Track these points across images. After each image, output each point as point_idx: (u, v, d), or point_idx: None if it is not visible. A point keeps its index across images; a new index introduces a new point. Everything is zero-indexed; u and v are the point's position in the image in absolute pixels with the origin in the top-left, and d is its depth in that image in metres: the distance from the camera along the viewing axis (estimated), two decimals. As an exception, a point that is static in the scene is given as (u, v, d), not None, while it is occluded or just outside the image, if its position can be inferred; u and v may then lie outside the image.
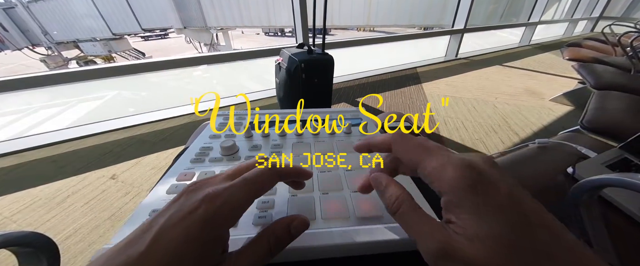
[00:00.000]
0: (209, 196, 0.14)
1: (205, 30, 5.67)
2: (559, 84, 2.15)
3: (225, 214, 0.14)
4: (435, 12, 3.12)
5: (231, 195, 0.15)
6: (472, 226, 0.13)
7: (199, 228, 0.13)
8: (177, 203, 0.15)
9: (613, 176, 0.29)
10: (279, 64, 1.24)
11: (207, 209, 0.14)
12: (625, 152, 0.47)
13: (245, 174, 0.16)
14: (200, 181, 0.16)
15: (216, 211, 0.14)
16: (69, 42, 6.83)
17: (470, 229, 0.13)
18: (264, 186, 0.16)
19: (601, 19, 5.49)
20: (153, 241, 0.12)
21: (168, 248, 0.12)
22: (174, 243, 0.12)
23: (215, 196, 0.14)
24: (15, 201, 0.90)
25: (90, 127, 1.37)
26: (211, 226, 0.13)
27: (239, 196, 0.15)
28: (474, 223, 0.13)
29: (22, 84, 1.18)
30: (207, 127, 0.39)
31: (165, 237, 0.13)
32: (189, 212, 0.13)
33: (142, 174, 1.04)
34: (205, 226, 0.13)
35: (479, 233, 0.12)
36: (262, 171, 0.17)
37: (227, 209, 0.14)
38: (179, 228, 0.13)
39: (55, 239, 0.75)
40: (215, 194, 0.14)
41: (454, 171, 0.14)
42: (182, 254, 0.12)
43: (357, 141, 0.20)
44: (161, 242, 0.12)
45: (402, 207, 0.16)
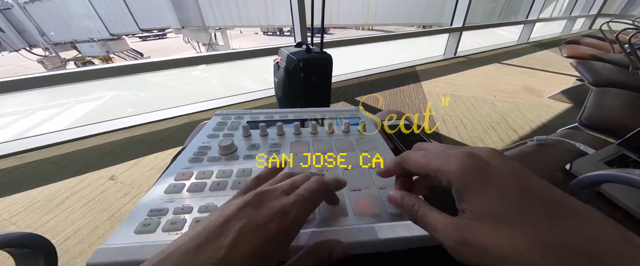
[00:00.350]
0: (282, 211, 0.15)
1: (203, 30, 5.65)
2: (557, 82, 2.16)
3: (293, 229, 0.16)
4: (433, 10, 3.11)
5: (297, 212, 0.16)
6: (480, 207, 0.14)
7: (275, 240, 0.14)
8: (247, 212, 0.15)
9: (611, 172, 0.29)
10: (278, 63, 1.24)
11: (281, 224, 0.15)
12: (623, 148, 0.47)
13: (303, 191, 0.18)
14: (263, 191, 0.17)
15: (287, 225, 0.15)
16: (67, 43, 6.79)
17: (478, 211, 0.14)
18: (318, 200, 0.19)
19: (599, 16, 5.49)
20: (232, 247, 0.13)
21: (247, 256, 0.13)
22: (252, 252, 0.13)
23: (286, 212, 0.15)
24: (14, 203, 0.90)
25: (89, 128, 1.37)
26: (284, 238, 0.15)
27: (302, 213, 0.16)
28: (481, 204, 0.14)
29: (20, 85, 1.17)
30: (205, 127, 0.39)
31: (243, 245, 0.13)
32: (265, 223, 0.14)
33: (142, 175, 1.03)
34: (279, 239, 0.14)
35: (486, 212, 0.14)
36: (316, 188, 0.18)
37: (295, 224, 0.16)
38: (256, 239, 0.14)
39: (55, 240, 0.75)
40: (286, 211, 0.16)
41: (457, 160, 0.16)
42: (258, 262, 0.13)
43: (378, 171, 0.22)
44: (240, 250, 0.13)
45: (420, 211, 0.17)
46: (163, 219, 0.22)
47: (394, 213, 0.23)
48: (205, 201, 0.24)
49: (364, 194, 0.25)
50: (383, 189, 0.26)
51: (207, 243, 0.13)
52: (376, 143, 0.35)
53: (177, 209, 0.23)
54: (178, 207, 0.23)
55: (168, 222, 0.21)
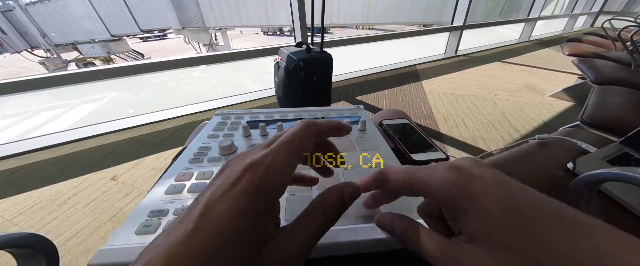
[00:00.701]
0: (252, 163, 0.13)
1: (203, 30, 5.66)
2: (559, 80, 2.15)
3: (271, 180, 0.13)
4: (434, 9, 3.10)
5: (273, 160, 0.14)
6: (473, 228, 0.13)
7: (246, 198, 0.12)
8: (220, 177, 0.14)
9: (613, 170, 0.29)
10: (278, 63, 1.24)
11: (251, 178, 0.13)
12: (626, 146, 0.47)
13: (283, 137, 0.15)
14: (241, 153, 0.15)
15: (261, 178, 0.13)
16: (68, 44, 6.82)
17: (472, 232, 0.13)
18: (304, 145, 0.15)
19: (601, 13, 5.46)
20: (200, 218, 0.11)
21: (216, 224, 0.11)
22: (222, 219, 0.11)
23: (256, 164, 0.13)
24: (16, 204, 0.91)
25: (90, 128, 1.37)
26: (259, 194, 0.13)
27: (281, 160, 0.14)
28: (474, 224, 0.13)
29: (22, 86, 1.18)
30: (205, 127, 0.39)
31: (212, 213, 0.12)
32: (232, 183, 0.12)
33: (143, 175, 1.04)
34: (253, 196, 0.12)
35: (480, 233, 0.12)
36: (297, 129, 0.16)
37: (271, 175, 0.13)
38: (225, 201, 0.12)
39: (57, 241, 0.76)
40: (257, 161, 0.13)
41: (440, 175, 0.14)
42: (231, 229, 0.11)
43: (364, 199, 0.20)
44: (208, 219, 0.11)
45: (410, 236, 0.16)
46: (163, 220, 0.22)
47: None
48: None
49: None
50: None
51: (180, 222, 0.12)
52: (376, 143, 0.35)
53: (178, 210, 0.23)
54: (178, 208, 0.23)
55: (168, 223, 0.22)
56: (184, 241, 0.11)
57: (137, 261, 0.11)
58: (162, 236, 0.12)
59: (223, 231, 0.11)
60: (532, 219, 0.11)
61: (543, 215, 0.11)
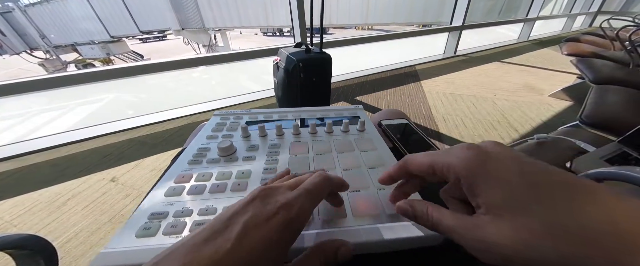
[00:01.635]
0: (286, 204, 0.16)
1: (203, 31, 5.66)
2: (558, 80, 2.15)
3: (298, 220, 0.16)
4: (433, 9, 3.11)
5: (302, 204, 0.16)
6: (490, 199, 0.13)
7: (280, 232, 0.14)
8: (254, 206, 0.16)
9: (611, 169, 0.29)
10: (277, 63, 1.24)
11: (286, 216, 0.15)
12: (624, 146, 0.47)
13: (307, 184, 0.18)
14: (269, 187, 0.18)
15: (293, 217, 0.15)
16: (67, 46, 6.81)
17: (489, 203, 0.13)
18: (322, 194, 0.19)
19: (599, 13, 5.47)
20: (238, 239, 0.13)
21: (253, 247, 0.13)
22: (259, 243, 0.13)
23: (290, 204, 0.16)
24: (15, 205, 0.90)
25: (89, 130, 1.37)
26: (289, 230, 0.15)
27: (307, 206, 0.16)
28: (490, 196, 0.13)
29: (22, 88, 1.18)
30: (204, 128, 0.39)
31: (250, 237, 0.13)
32: (270, 216, 0.15)
33: (142, 176, 1.04)
34: (284, 230, 0.14)
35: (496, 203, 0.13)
36: (319, 181, 0.19)
37: (300, 217, 0.16)
38: (263, 230, 0.14)
39: (56, 242, 0.76)
40: (290, 203, 0.16)
41: (458, 154, 0.16)
42: (265, 254, 0.13)
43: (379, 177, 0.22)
44: (247, 241, 0.13)
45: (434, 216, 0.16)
46: (163, 223, 0.22)
47: (393, 214, 0.23)
48: (206, 204, 0.24)
49: (363, 195, 0.25)
50: (382, 189, 0.26)
51: (214, 236, 0.13)
52: (375, 143, 0.35)
53: (177, 212, 0.23)
54: (178, 210, 0.23)
55: (168, 225, 0.21)
56: (223, 256, 0.12)
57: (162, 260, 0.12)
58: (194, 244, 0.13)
59: (257, 256, 0.13)
60: (545, 185, 0.12)
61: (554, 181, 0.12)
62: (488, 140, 0.17)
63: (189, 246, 0.13)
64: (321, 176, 0.19)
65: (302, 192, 0.17)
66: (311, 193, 0.17)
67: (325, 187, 0.19)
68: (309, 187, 0.18)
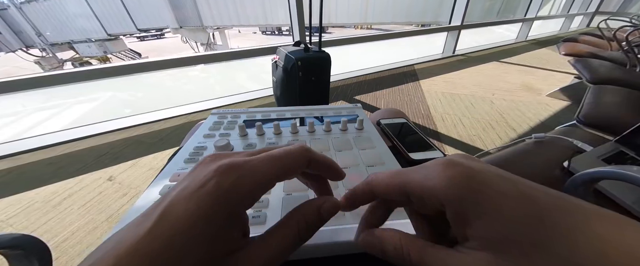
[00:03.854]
0: (223, 166, 0.12)
1: (201, 29, 5.63)
2: (555, 80, 2.16)
3: (241, 189, 0.12)
4: (432, 9, 3.11)
5: (252, 168, 0.13)
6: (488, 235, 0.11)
7: (209, 203, 0.11)
8: (190, 175, 0.13)
9: (608, 168, 0.29)
10: (276, 62, 1.23)
11: (219, 182, 0.12)
12: (621, 145, 0.47)
13: (273, 150, 0.14)
14: (219, 153, 0.14)
15: (231, 184, 0.12)
16: (64, 44, 6.75)
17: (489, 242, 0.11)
18: (292, 165, 0.14)
19: (597, 14, 5.51)
20: (160, 217, 0.11)
21: (176, 225, 0.11)
22: (182, 220, 0.11)
23: (230, 168, 0.12)
24: (11, 205, 0.90)
25: (86, 128, 1.36)
26: (224, 200, 0.12)
27: (261, 172, 0.13)
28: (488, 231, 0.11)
29: (17, 86, 1.17)
30: (201, 127, 0.39)
31: (174, 213, 0.11)
32: (200, 185, 0.12)
33: (140, 175, 1.03)
34: (217, 200, 0.11)
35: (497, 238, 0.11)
36: (291, 149, 0.15)
37: (244, 184, 0.12)
38: (188, 203, 0.11)
39: (52, 242, 0.75)
40: (232, 166, 0.12)
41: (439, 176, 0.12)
42: (192, 232, 0.11)
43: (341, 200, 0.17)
44: (169, 218, 0.11)
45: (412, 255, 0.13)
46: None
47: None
48: None
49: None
50: None
51: (139, 222, 0.11)
52: (374, 142, 0.35)
53: None
54: None
55: None
56: (138, 242, 0.10)
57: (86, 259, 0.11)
58: (118, 234, 0.11)
59: (180, 235, 0.10)
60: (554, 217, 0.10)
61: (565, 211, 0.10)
62: (456, 154, 0.14)
63: (117, 238, 0.11)
64: (299, 146, 0.15)
65: (261, 156, 0.13)
66: (274, 159, 0.14)
67: (299, 159, 0.15)
68: (275, 153, 0.14)
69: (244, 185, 0.12)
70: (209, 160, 0.14)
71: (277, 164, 0.14)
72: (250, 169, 0.13)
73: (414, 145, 0.37)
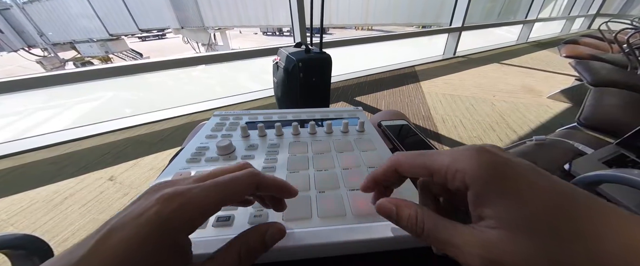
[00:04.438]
0: (165, 195, 0.12)
1: (202, 30, 5.65)
2: (556, 82, 2.16)
3: (182, 216, 0.12)
4: (433, 10, 3.12)
5: (194, 196, 0.13)
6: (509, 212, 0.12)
7: (148, 231, 0.11)
8: (133, 204, 0.13)
9: (609, 172, 0.29)
10: (277, 63, 1.24)
11: (159, 210, 0.12)
12: (622, 148, 0.47)
13: (219, 177, 0.15)
14: (167, 181, 0.15)
15: (171, 212, 0.12)
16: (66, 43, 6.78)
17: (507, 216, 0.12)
18: (237, 192, 0.15)
19: (598, 16, 5.50)
20: (97, 243, 0.11)
21: (111, 253, 0.11)
22: (119, 248, 0.11)
23: (173, 196, 0.12)
24: (12, 204, 0.90)
25: (88, 128, 1.36)
26: (164, 228, 0.12)
27: (203, 199, 0.13)
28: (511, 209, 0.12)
29: (19, 86, 1.17)
30: (204, 128, 0.39)
31: (111, 240, 0.11)
32: (140, 213, 0.12)
33: (141, 175, 1.03)
34: (156, 229, 0.11)
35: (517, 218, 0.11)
36: (238, 176, 0.15)
37: (185, 212, 0.12)
38: (126, 230, 0.11)
39: (53, 241, 0.75)
40: (174, 194, 0.12)
41: (468, 157, 0.13)
42: (128, 260, 0.11)
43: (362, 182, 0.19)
44: (105, 246, 0.11)
45: (426, 224, 0.14)
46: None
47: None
48: None
49: (363, 193, 0.25)
50: None
51: (81, 244, 0.11)
52: (375, 143, 0.35)
53: None
54: None
55: None
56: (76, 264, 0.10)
57: None
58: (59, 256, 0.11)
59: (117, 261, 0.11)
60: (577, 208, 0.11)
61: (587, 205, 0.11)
62: (488, 144, 0.15)
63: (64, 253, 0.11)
64: (247, 170, 0.16)
65: (206, 183, 0.14)
66: (219, 186, 0.14)
67: (245, 185, 0.15)
68: (220, 179, 0.14)
69: (184, 212, 0.12)
70: (154, 189, 0.14)
71: (221, 191, 0.14)
72: (192, 197, 0.13)
73: (414, 147, 0.37)
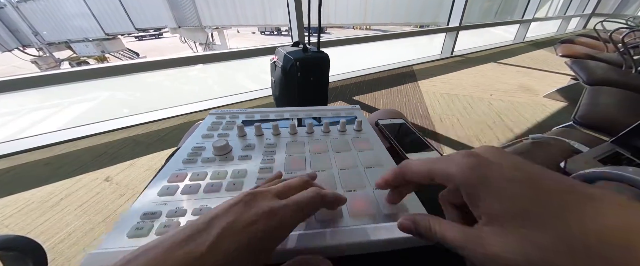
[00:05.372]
0: (268, 212, 0.15)
1: (200, 29, 5.61)
2: (552, 81, 2.18)
3: (279, 232, 0.15)
4: (431, 10, 3.12)
5: (285, 216, 0.16)
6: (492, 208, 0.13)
7: (257, 241, 0.14)
8: (236, 210, 0.15)
9: (604, 169, 0.30)
10: (275, 62, 1.23)
11: (266, 225, 0.15)
12: (617, 146, 0.48)
13: (298, 197, 0.17)
14: (255, 191, 0.17)
15: (274, 227, 0.15)
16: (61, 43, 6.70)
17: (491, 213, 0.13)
18: (312, 211, 0.18)
19: (593, 15, 5.56)
20: (214, 244, 0.13)
21: (228, 254, 0.13)
22: (234, 250, 0.13)
23: (273, 213, 0.15)
24: (7, 205, 0.89)
25: (84, 128, 1.35)
26: (268, 240, 0.15)
27: (292, 218, 0.16)
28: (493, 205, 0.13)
29: (13, 85, 1.16)
30: (200, 127, 0.38)
31: (226, 242, 0.13)
32: (250, 223, 0.14)
33: (137, 176, 1.02)
34: (263, 240, 0.14)
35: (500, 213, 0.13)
36: (313, 197, 0.18)
37: (281, 228, 0.15)
38: (240, 237, 0.14)
39: (48, 243, 0.75)
40: (273, 212, 0.15)
41: (457, 162, 0.15)
42: (240, 261, 0.13)
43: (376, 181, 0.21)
44: (222, 246, 0.13)
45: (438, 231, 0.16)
46: (156, 223, 0.21)
47: (390, 213, 0.23)
48: (199, 204, 0.24)
49: (360, 194, 0.25)
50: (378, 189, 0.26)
51: (191, 238, 0.13)
52: (372, 143, 0.35)
53: (171, 212, 0.23)
54: (171, 210, 0.23)
55: (161, 225, 0.21)
56: (195, 260, 0.12)
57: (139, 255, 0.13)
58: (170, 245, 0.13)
59: (230, 262, 0.13)
60: (551, 195, 0.12)
61: (562, 190, 0.12)
62: (485, 145, 0.17)
63: (166, 247, 0.13)
64: (315, 192, 0.18)
65: (290, 204, 0.17)
66: (299, 207, 0.17)
67: (317, 204, 0.18)
68: (298, 200, 0.17)
69: (281, 230, 0.15)
70: (251, 199, 0.16)
71: (302, 212, 0.17)
72: (285, 217, 0.16)
73: (411, 146, 0.37)
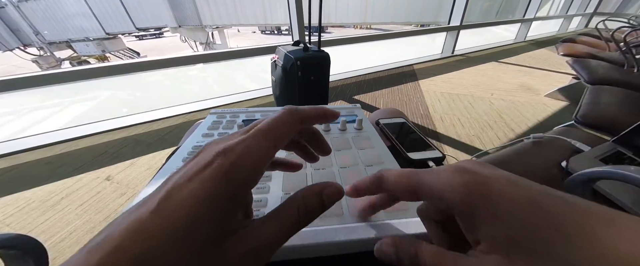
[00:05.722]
0: (225, 149, 0.13)
1: (200, 28, 5.62)
2: (553, 80, 2.17)
3: (242, 167, 0.12)
4: (431, 9, 3.12)
5: (246, 147, 0.13)
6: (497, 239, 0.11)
7: (213, 183, 0.12)
8: (192, 161, 0.13)
9: (606, 168, 0.29)
10: (275, 61, 1.23)
11: (222, 163, 0.12)
12: (619, 145, 0.48)
13: (262, 123, 0.14)
14: (217, 139, 0.15)
15: (233, 163, 0.12)
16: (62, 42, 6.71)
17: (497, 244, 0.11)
18: (283, 132, 0.14)
19: (595, 14, 5.54)
20: (164, 198, 0.11)
21: (180, 205, 0.11)
22: (187, 200, 0.11)
23: (229, 149, 0.13)
24: (8, 204, 0.89)
25: (84, 128, 1.35)
26: (227, 180, 0.12)
27: (255, 147, 0.13)
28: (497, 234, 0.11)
29: (14, 85, 1.16)
30: (200, 127, 0.38)
31: (178, 194, 0.11)
32: (203, 167, 0.12)
33: (138, 175, 1.03)
34: (220, 181, 0.12)
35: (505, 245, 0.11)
36: (277, 116, 0.15)
37: (244, 163, 0.13)
38: (192, 184, 0.12)
39: (49, 242, 0.75)
40: (230, 148, 0.13)
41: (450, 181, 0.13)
42: (196, 211, 0.11)
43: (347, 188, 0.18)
44: (173, 199, 0.11)
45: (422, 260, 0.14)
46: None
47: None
48: None
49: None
50: None
51: (144, 202, 0.12)
52: (373, 141, 0.35)
53: None
54: None
55: None
56: (144, 221, 0.10)
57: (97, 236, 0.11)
58: (124, 214, 0.12)
59: (184, 214, 0.11)
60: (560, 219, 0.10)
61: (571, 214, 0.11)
62: (467, 160, 0.15)
63: (117, 219, 0.12)
64: (285, 109, 0.15)
65: (252, 132, 0.14)
66: (264, 132, 0.14)
67: (289, 121, 0.15)
68: (262, 125, 0.14)
69: (243, 165, 0.12)
70: (209, 145, 0.14)
71: (268, 136, 0.14)
72: (247, 147, 0.13)
73: (412, 145, 0.37)
